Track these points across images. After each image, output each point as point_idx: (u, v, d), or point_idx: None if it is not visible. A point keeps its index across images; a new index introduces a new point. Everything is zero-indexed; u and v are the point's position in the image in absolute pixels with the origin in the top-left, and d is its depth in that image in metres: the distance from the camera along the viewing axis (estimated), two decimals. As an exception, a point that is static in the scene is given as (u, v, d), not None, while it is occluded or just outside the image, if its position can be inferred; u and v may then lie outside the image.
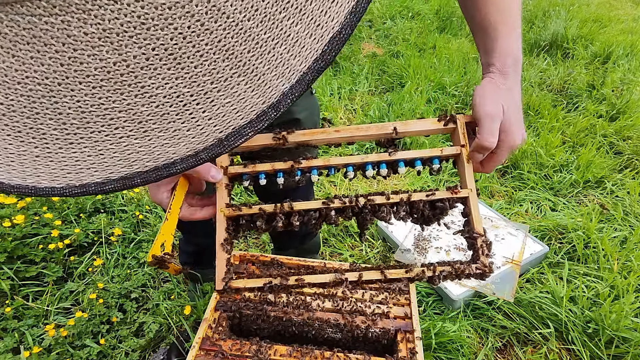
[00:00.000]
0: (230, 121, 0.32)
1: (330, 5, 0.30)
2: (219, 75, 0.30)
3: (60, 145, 0.32)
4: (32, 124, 0.31)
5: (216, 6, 0.27)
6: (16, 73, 0.29)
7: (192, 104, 0.31)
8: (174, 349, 1.19)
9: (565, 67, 3.06)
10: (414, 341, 0.76)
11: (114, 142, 0.32)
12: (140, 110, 0.30)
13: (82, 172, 0.33)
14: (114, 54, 0.28)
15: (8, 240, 1.39)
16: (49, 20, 0.27)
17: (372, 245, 1.65)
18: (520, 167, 2.07)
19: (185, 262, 1.27)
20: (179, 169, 0.33)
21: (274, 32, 0.29)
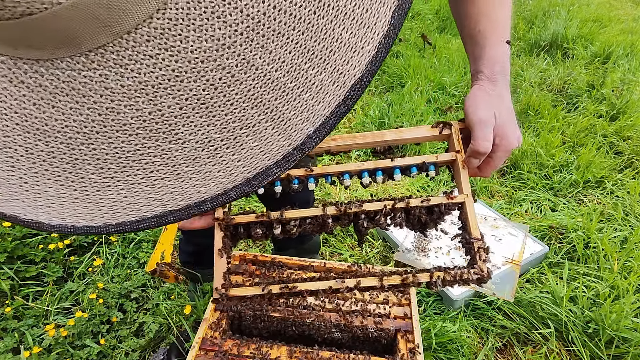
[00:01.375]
0: (257, 162, 0.33)
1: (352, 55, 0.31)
2: (248, 121, 0.32)
3: (98, 187, 0.33)
4: (72, 169, 0.33)
5: (246, 59, 0.29)
6: (56, 122, 0.31)
7: (222, 148, 0.32)
8: (174, 349, 1.19)
9: (565, 67, 3.06)
10: (414, 341, 0.76)
11: (148, 184, 0.33)
12: (173, 155, 0.32)
13: (118, 212, 0.35)
14: (149, 104, 0.30)
15: (8, 240, 1.39)
16: (87, 74, 0.29)
17: (372, 245, 1.65)
18: (520, 167, 2.07)
19: (185, 261, 1.27)
20: (209, 207, 0.34)
21: (299, 81, 0.31)
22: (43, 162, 0.32)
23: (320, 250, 1.56)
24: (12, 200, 0.34)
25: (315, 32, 0.30)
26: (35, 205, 0.35)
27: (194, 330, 1.22)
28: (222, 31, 0.28)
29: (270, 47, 0.30)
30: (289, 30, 0.30)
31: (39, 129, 0.31)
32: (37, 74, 0.29)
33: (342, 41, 0.31)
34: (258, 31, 0.29)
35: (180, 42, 0.28)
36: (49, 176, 0.33)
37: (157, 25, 0.28)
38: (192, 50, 0.29)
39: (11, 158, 0.33)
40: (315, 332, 0.80)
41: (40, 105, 0.30)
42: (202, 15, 0.28)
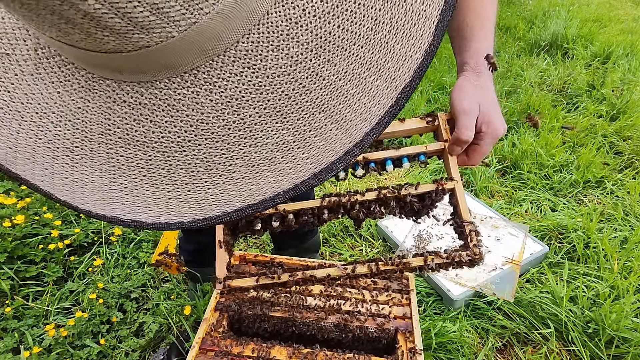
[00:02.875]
0: (323, 159, 0.38)
1: (402, 63, 0.37)
2: (316, 124, 0.36)
3: (189, 188, 0.38)
4: (166, 174, 0.37)
5: (315, 72, 0.34)
6: (153, 135, 0.35)
7: (294, 149, 0.37)
8: (174, 349, 1.19)
9: (565, 67, 3.06)
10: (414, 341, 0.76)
11: (231, 183, 0.38)
12: (253, 157, 0.37)
13: (205, 208, 0.39)
14: (233, 114, 0.35)
15: (8, 240, 1.39)
16: (182, 92, 0.33)
17: (372, 245, 1.65)
18: (520, 167, 2.07)
19: (186, 260, 1.27)
20: (281, 200, 0.39)
21: (359, 88, 0.36)
22: (141, 169, 0.37)
23: (320, 250, 1.56)
24: (113, 204, 0.39)
25: (372, 46, 0.35)
26: (134, 207, 0.39)
27: (194, 330, 1.22)
28: (295, 50, 0.33)
29: (335, 61, 0.35)
30: (350, 45, 0.35)
31: (139, 140, 0.36)
32: (138, 94, 0.33)
33: (394, 52, 0.36)
34: (325, 47, 0.34)
35: (260, 60, 0.33)
36: (147, 181, 0.38)
37: (242, 48, 0.32)
38: (270, 67, 0.33)
39: (113, 167, 0.37)
40: (315, 332, 0.80)
41: (139, 120, 0.35)
42: (279, 37, 0.33)
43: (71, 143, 0.37)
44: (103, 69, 0.32)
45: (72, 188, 0.39)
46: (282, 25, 0.32)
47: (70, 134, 0.36)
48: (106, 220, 0.40)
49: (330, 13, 0.33)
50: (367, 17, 0.34)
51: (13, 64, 0.35)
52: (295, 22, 0.33)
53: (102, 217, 0.40)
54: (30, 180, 0.39)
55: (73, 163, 0.38)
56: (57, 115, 0.36)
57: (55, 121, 0.36)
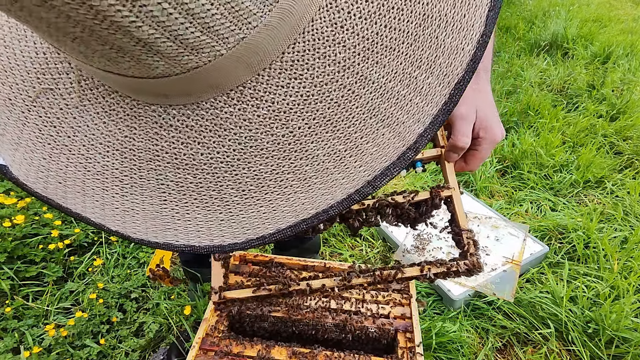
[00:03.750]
0: (376, 165, 0.36)
1: (454, 57, 0.35)
2: (367, 130, 0.35)
3: (241, 208, 0.37)
4: (217, 195, 0.36)
5: (363, 75, 0.33)
6: (202, 156, 0.35)
7: (346, 158, 0.36)
8: (174, 349, 1.19)
9: (565, 67, 3.06)
10: (414, 341, 0.76)
11: (283, 199, 0.37)
12: (304, 170, 0.36)
13: (258, 227, 0.38)
14: (282, 128, 0.34)
15: (8, 240, 1.39)
16: (228, 110, 0.33)
17: (372, 245, 1.65)
18: (520, 167, 2.07)
19: (186, 260, 1.28)
20: (335, 212, 0.37)
21: (410, 88, 0.34)
22: (192, 192, 0.37)
23: (320, 250, 1.56)
24: (165, 230, 0.38)
25: (422, 42, 0.34)
26: (187, 232, 0.38)
27: (194, 330, 1.22)
28: (342, 55, 0.32)
29: (384, 62, 0.33)
30: (398, 44, 0.33)
31: (187, 163, 0.35)
32: (184, 117, 0.33)
33: (445, 46, 0.34)
34: (372, 49, 0.32)
35: (307, 69, 0.32)
36: (198, 204, 0.37)
37: (288, 59, 0.32)
38: (317, 75, 0.32)
39: (164, 193, 0.37)
40: (315, 332, 0.80)
41: (187, 143, 0.34)
42: (325, 43, 0.32)
43: (120, 172, 0.36)
44: (149, 94, 0.31)
45: (124, 217, 0.38)
46: (327, 30, 0.31)
47: (119, 164, 0.36)
48: (159, 247, 0.39)
49: (377, 13, 0.32)
50: (415, 13, 0.33)
51: (57, 98, 0.35)
52: (341, 27, 0.32)
53: (155, 244, 0.39)
54: (81, 213, 0.39)
55: (123, 192, 0.37)
56: (104, 145, 0.35)
57: (102, 152, 0.36)
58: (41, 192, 0.38)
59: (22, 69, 0.34)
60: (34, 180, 0.38)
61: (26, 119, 0.36)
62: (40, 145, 0.36)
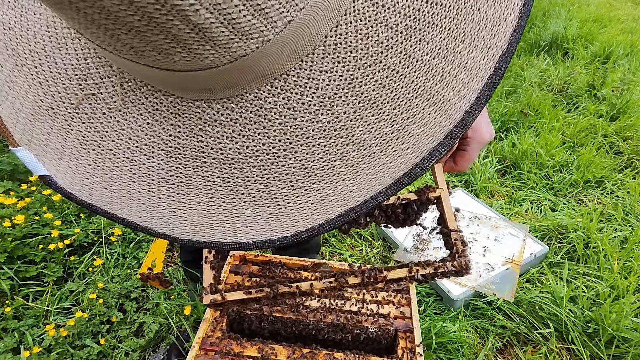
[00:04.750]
0: (423, 146, 0.35)
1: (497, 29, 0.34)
2: (413, 110, 0.34)
3: (289, 200, 0.36)
4: (264, 188, 0.36)
5: (407, 54, 0.32)
6: (247, 149, 0.34)
7: (393, 140, 0.35)
8: (174, 349, 1.19)
9: (565, 67, 3.06)
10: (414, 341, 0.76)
11: (331, 188, 0.36)
12: (351, 156, 0.35)
13: (307, 219, 0.37)
14: (327, 114, 0.33)
15: (8, 240, 1.39)
16: (272, 100, 0.32)
17: (372, 245, 1.65)
18: (520, 167, 2.07)
19: (186, 260, 1.27)
20: (384, 198, 0.36)
21: (455, 63, 0.33)
22: (239, 187, 0.36)
23: (320, 250, 1.56)
24: (213, 229, 0.38)
25: (464, 15, 0.32)
26: (235, 228, 0.38)
27: (194, 330, 1.22)
28: (385, 34, 0.31)
29: (427, 39, 0.32)
30: (440, 19, 0.32)
31: (233, 158, 0.34)
32: (228, 110, 0.32)
33: (487, 18, 0.33)
34: (415, 26, 0.31)
35: (350, 52, 0.31)
36: (245, 199, 0.36)
37: (330, 42, 0.31)
38: (360, 57, 0.31)
39: (210, 190, 0.36)
40: (315, 332, 0.80)
41: (232, 137, 0.34)
42: (367, 23, 0.31)
43: (166, 173, 0.36)
44: (193, 90, 0.31)
45: (171, 219, 0.38)
46: (369, 10, 0.30)
47: (164, 164, 0.36)
48: (207, 246, 0.39)
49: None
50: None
51: (100, 103, 0.34)
52: (382, 5, 0.31)
53: (204, 244, 0.38)
54: (127, 218, 0.38)
55: (170, 193, 0.37)
56: (149, 146, 0.35)
57: (148, 153, 0.35)
58: (87, 199, 0.38)
59: (64, 77, 0.34)
60: (79, 188, 0.38)
61: (69, 127, 0.36)
62: (85, 151, 0.36)
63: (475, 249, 1.53)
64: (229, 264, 0.90)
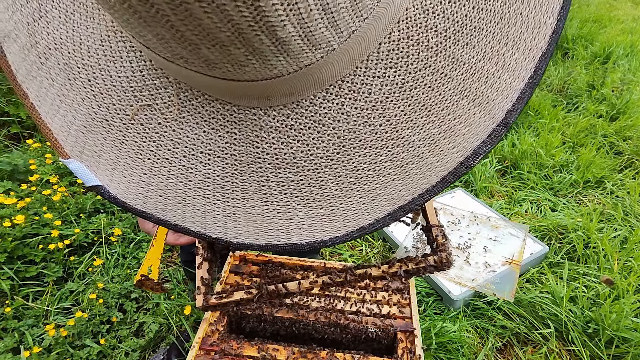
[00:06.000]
0: (468, 145, 0.36)
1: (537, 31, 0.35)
2: (460, 111, 0.35)
3: (341, 201, 0.38)
4: (318, 190, 0.37)
5: (455, 57, 0.34)
6: (302, 154, 0.35)
7: (440, 141, 0.36)
8: (174, 349, 1.19)
9: (565, 67, 3.06)
10: (414, 341, 0.76)
11: (382, 188, 0.37)
12: (401, 157, 0.36)
13: (358, 218, 0.38)
14: (379, 117, 0.34)
15: (8, 240, 1.39)
16: (327, 105, 0.33)
17: (372, 245, 1.65)
18: (520, 167, 2.07)
19: (186, 260, 1.27)
20: (430, 196, 0.37)
21: (498, 65, 0.35)
22: (293, 191, 0.37)
23: (320, 251, 1.56)
24: (267, 231, 0.39)
25: (507, 19, 0.34)
26: (288, 230, 0.39)
27: (194, 330, 1.22)
28: (435, 40, 0.33)
29: (473, 42, 0.34)
30: (486, 24, 0.34)
31: (288, 162, 0.36)
32: (284, 117, 0.34)
33: (528, 22, 0.35)
34: (462, 31, 0.33)
35: (402, 58, 0.32)
36: (299, 201, 0.37)
37: (384, 49, 0.32)
38: (411, 62, 0.33)
39: (265, 194, 0.37)
40: (315, 332, 0.80)
41: (288, 142, 0.35)
42: (418, 30, 0.32)
43: (221, 179, 0.37)
44: (252, 98, 0.32)
45: (225, 224, 0.39)
46: (420, 17, 0.32)
47: (220, 170, 0.36)
48: (261, 249, 0.40)
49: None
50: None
51: (156, 113, 0.35)
52: (432, 12, 0.32)
53: (257, 246, 0.39)
54: (181, 224, 0.39)
55: (225, 198, 0.38)
56: (205, 154, 0.36)
57: (204, 160, 0.36)
58: (141, 207, 0.39)
59: (119, 89, 0.35)
60: (134, 196, 0.38)
61: (124, 138, 0.36)
62: (140, 161, 0.37)
63: (475, 249, 1.53)
64: (229, 264, 0.90)
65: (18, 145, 1.95)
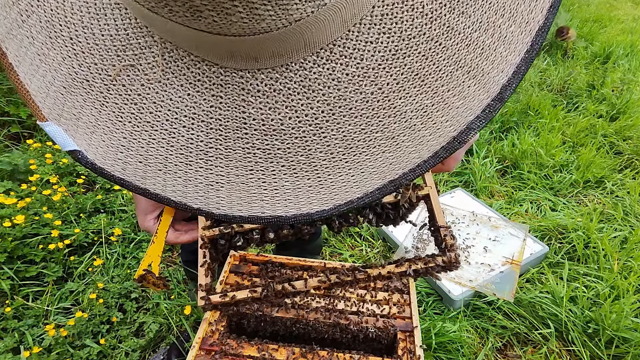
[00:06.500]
0: (462, 120, 0.35)
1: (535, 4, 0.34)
2: (454, 83, 0.34)
3: (329, 172, 0.36)
4: (305, 160, 0.35)
5: (450, 26, 0.32)
6: (290, 120, 0.34)
7: (433, 113, 0.35)
8: (174, 349, 1.19)
9: (565, 67, 3.06)
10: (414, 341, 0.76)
11: (372, 160, 0.36)
12: (392, 128, 0.35)
13: (346, 191, 0.37)
14: (371, 85, 0.33)
15: (8, 240, 1.39)
16: (317, 70, 0.32)
17: (372, 245, 1.65)
18: (520, 167, 2.07)
19: (187, 260, 1.27)
20: (421, 171, 0.36)
21: (494, 37, 0.34)
22: (280, 159, 0.35)
23: (321, 252, 1.56)
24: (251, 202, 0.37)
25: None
26: (273, 202, 0.37)
27: (194, 330, 1.22)
28: (430, 6, 0.31)
29: (469, 11, 0.32)
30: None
31: (275, 129, 0.34)
32: (273, 80, 0.32)
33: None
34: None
35: (396, 23, 0.31)
36: (285, 171, 0.36)
37: (377, 13, 0.31)
38: (405, 29, 0.31)
39: (250, 162, 0.35)
40: (315, 332, 0.80)
41: (275, 107, 0.33)
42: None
43: (205, 145, 0.35)
44: (239, 58, 0.30)
45: (207, 193, 0.37)
46: None
47: (204, 135, 0.35)
48: (244, 221, 0.38)
49: None
50: None
51: (139, 74, 0.34)
52: None
53: (240, 218, 0.38)
54: (161, 193, 0.37)
55: (208, 165, 0.36)
56: (189, 118, 0.34)
57: (187, 124, 0.35)
58: (119, 174, 0.37)
59: (102, 48, 0.33)
60: (112, 162, 0.37)
61: (105, 100, 0.35)
62: (120, 124, 0.35)
63: (475, 249, 1.53)
64: (229, 264, 0.90)
65: (18, 145, 1.95)
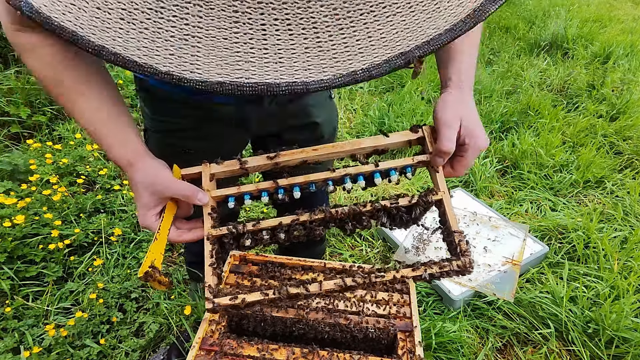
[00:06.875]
0: None
1: None
2: None
3: (331, 32, 0.30)
4: (303, 13, 0.29)
5: None
6: None
7: None
8: (174, 349, 1.19)
9: (565, 67, 3.06)
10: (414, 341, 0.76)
11: (381, 22, 0.30)
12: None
13: (349, 59, 0.31)
14: None
15: (8, 240, 1.39)
16: None
17: (372, 245, 1.65)
18: (520, 167, 2.07)
19: (191, 261, 1.27)
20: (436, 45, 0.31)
21: None
22: (273, 10, 0.29)
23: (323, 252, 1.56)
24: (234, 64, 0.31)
25: None
26: (262, 64, 0.31)
27: (194, 330, 1.22)
28: None
29: None
30: None
31: None
32: None
33: None
34: None
35: None
36: (278, 25, 0.30)
37: None
38: None
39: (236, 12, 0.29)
40: (315, 332, 0.80)
41: None
42: None
43: None
44: None
45: (180, 50, 0.30)
46: None
47: None
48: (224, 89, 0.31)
49: None
50: None
51: None
52: None
53: (218, 85, 0.31)
54: (122, 52, 0.31)
55: (183, 14, 0.29)
56: None
57: None
58: (71, 27, 0.30)
59: None
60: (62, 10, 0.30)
61: None
62: None
63: (476, 249, 1.53)
64: (229, 263, 0.90)
65: (18, 145, 1.95)
